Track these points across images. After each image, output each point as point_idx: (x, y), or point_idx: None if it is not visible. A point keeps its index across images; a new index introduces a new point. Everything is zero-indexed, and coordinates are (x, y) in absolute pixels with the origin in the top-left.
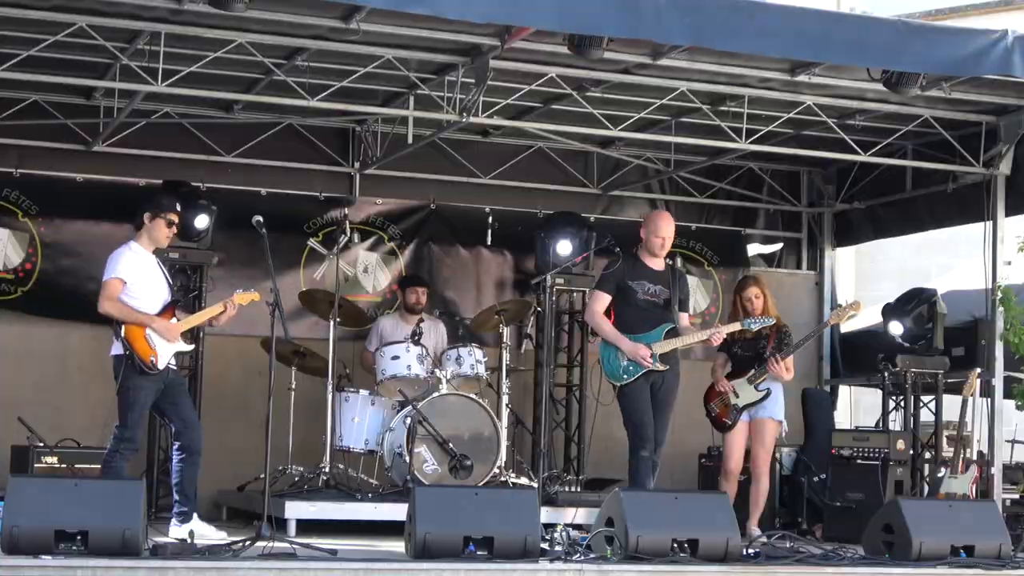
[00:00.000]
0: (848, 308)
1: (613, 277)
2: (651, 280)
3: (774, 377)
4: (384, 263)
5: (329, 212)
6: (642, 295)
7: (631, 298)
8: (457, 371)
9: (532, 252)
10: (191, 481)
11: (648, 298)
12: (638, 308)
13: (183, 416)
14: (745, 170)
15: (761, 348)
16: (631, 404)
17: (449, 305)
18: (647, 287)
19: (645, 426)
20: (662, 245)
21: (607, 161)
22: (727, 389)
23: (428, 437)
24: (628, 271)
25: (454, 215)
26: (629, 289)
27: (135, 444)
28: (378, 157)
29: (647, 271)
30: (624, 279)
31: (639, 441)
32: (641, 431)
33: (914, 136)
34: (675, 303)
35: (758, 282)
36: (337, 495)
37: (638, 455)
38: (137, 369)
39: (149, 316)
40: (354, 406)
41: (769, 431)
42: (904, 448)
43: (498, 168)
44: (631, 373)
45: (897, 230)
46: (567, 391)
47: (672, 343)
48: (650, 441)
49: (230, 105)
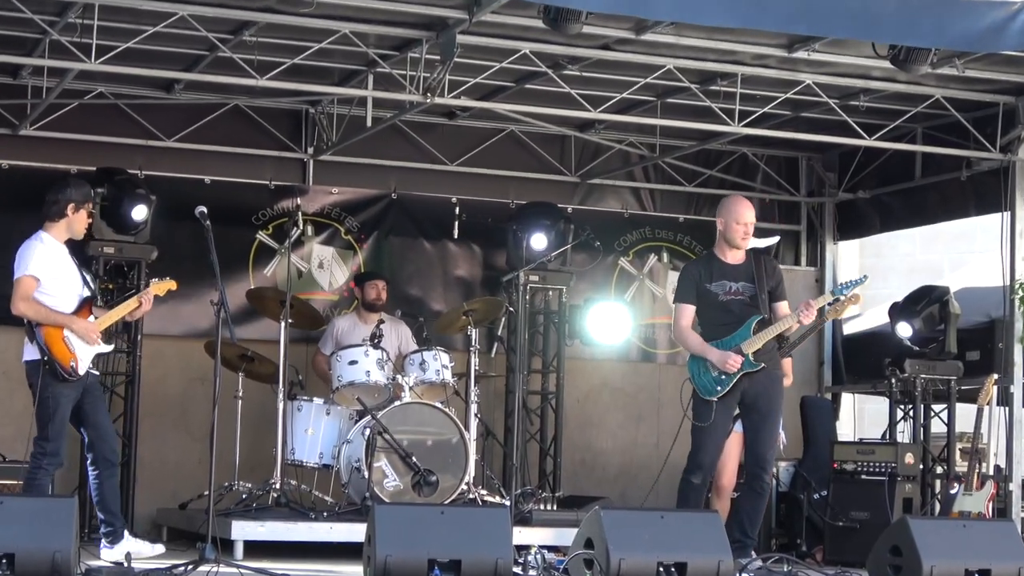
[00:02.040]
0: (847, 300)
1: (691, 283)
2: (732, 278)
3: None
4: (340, 258)
5: (280, 202)
6: (724, 296)
7: (712, 301)
8: (421, 377)
9: (503, 246)
10: (113, 495)
11: (732, 297)
12: (721, 311)
13: (96, 423)
14: (738, 156)
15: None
16: (696, 420)
17: (412, 304)
18: (728, 286)
19: (704, 450)
20: (745, 234)
21: (586, 146)
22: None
23: (389, 450)
24: (704, 272)
25: (417, 206)
26: (708, 293)
27: (59, 458)
28: (334, 142)
29: (727, 268)
30: (701, 282)
31: (692, 465)
32: (698, 455)
33: (924, 118)
34: (763, 297)
35: None
36: (289, 514)
37: (688, 481)
38: (57, 376)
39: (68, 316)
40: (307, 416)
41: None
42: (913, 462)
43: (466, 154)
44: (725, 383)
45: (905, 222)
46: (542, 399)
47: (764, 336)
48: (703, 468)
49: (171, 85)
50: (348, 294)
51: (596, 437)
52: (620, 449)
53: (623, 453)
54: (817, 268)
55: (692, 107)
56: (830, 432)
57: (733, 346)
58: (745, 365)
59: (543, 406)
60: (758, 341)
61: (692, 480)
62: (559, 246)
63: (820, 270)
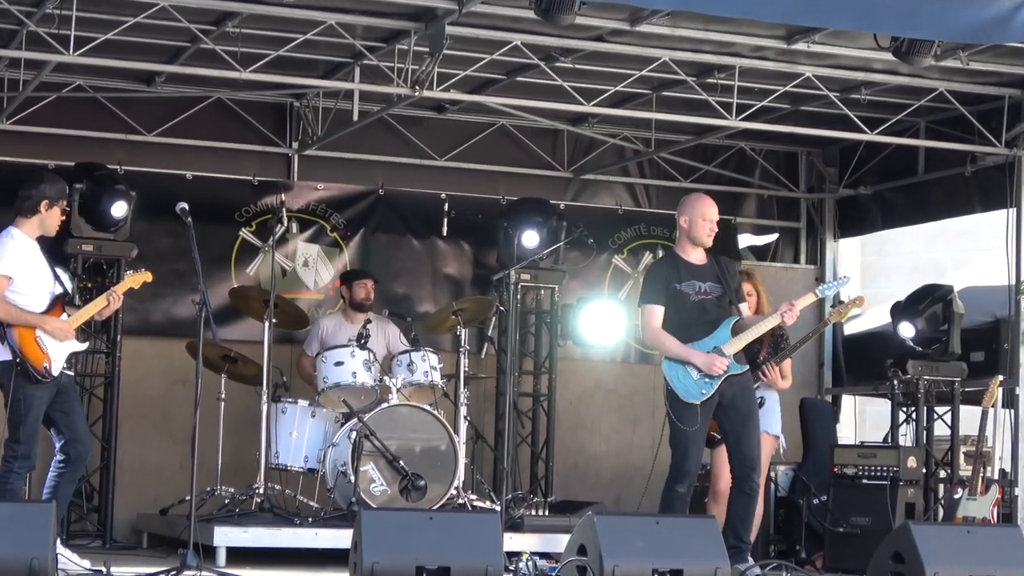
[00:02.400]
0: (850, 303)
1: (660, 283)
2: (700, 277)
3: (769, 385)
4: (326, 256)
5: (264, 198)
6: (695, 296)
7: (684, 302)
8: (409, 379)
9: (494, 244)
10: (64, 498)
11: (703, 297)
12: (693, 312)
13: (73, 426)
14: (735, 151)
15: (755, 352)
16: (682, 425)
17: (400, 304)
18: (698, 286)
19: (689, 457)
20: (711, 230)
21: (579, 141)
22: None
23: (376, 454)
24: (672, 273)
25: (405, 202)
26: (680, 294)
27: (31, 461)
28: (319, 136)
29: (693, 268)
30: (671, 283)
31: (677, 473)
32: (685, 462)
33: (927, 112)
34: (731, 297)
35: (751, 278)
36: (273, 520)
37: (674, 491)
38: (30, 378)
39: (40, 316)
40: (292, 419)
41: (763, 447)
42: (916, 466)
43: (455, 149)
44: (709, 386)
45: (908, 218)
46: (533, 401)
47: (743, 338)
48: (690, 476)
49: (151, 77)
50: (334, 293)
51: (589, 440)
52: (614, 453)
53: (617, 457)
54: (817, 266)
55: (688, 100)
56: (830, 435)
57: (711, 348)
58: (731, 368)
59: (535, 408)
60: (739, 343)
61: (679, 490)
62: (551, 243)
63: (820, 268)
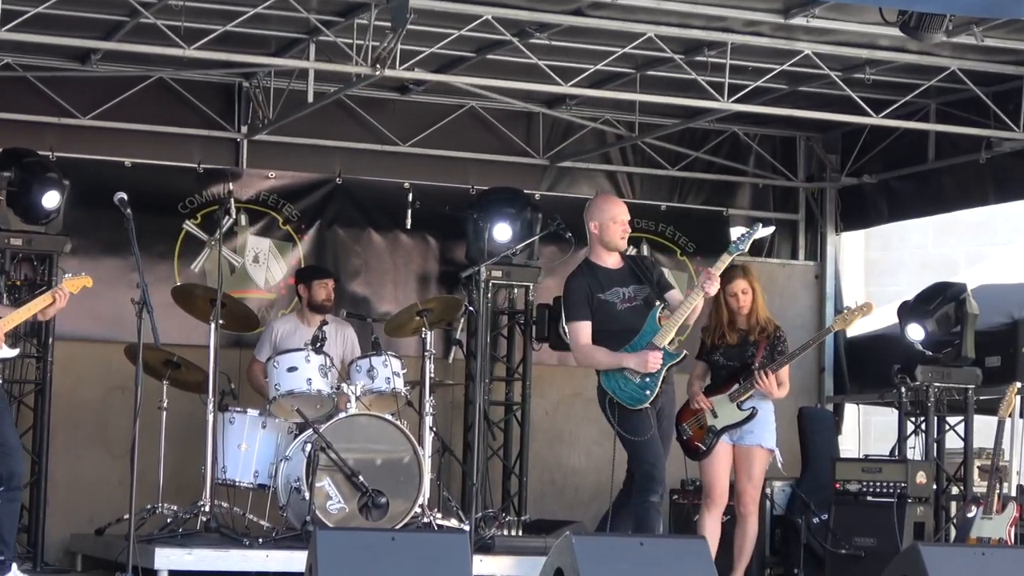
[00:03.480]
0: (856, 311)
1: (583, 297)
2: (621, 283)
3: (763, 395)
4: (278, 251)
5: (210, 188)
6: (621, 305)
7: (610, 312)
8: (369, 386)
9: (462, 237)
10: (10, 521)
11: (629, 304)
12: (622, 320)
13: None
14: (727, 136)
15: (749, 357)
16: (638, 436)
17: (359, 304)
18: (622, 293)
19: (656, 464)
20: (624, 232)
21: (555, 125)
22: (705, 406)
23: (333, 468)
24: (593, 283)
25: (365, 192)
26: (605, 304)
27: None
28: (270, 120)
29: (612, 275)
30: (594, 294)
31: (648, 482)
32: (652, 471)
33: (938, 93)
34: (655, 292)
35: (747, 273)
36: (219, 540)
37: (649, 502)
38: None
39: None
40: (240, 430)
41: (757, 462)
42: (926, 482)
43: (420, 133)
44: (652, 385)
45: (917, 210)
46: (506, 411)
47: (672, 323)
48: (662, 484)
49: (86, 55)
50: (287, 292)
51: (567, 454)
52: (595, 467)
53: (598, 472)
54: (817, 262)
55: (676, 80)
56: (831, 448)
57: (648, 344)
58: (666, 359)
59: (507, 418)
60: (669, 331)
61: (653, 500)
62: (525, 237)
63: (820, 264)
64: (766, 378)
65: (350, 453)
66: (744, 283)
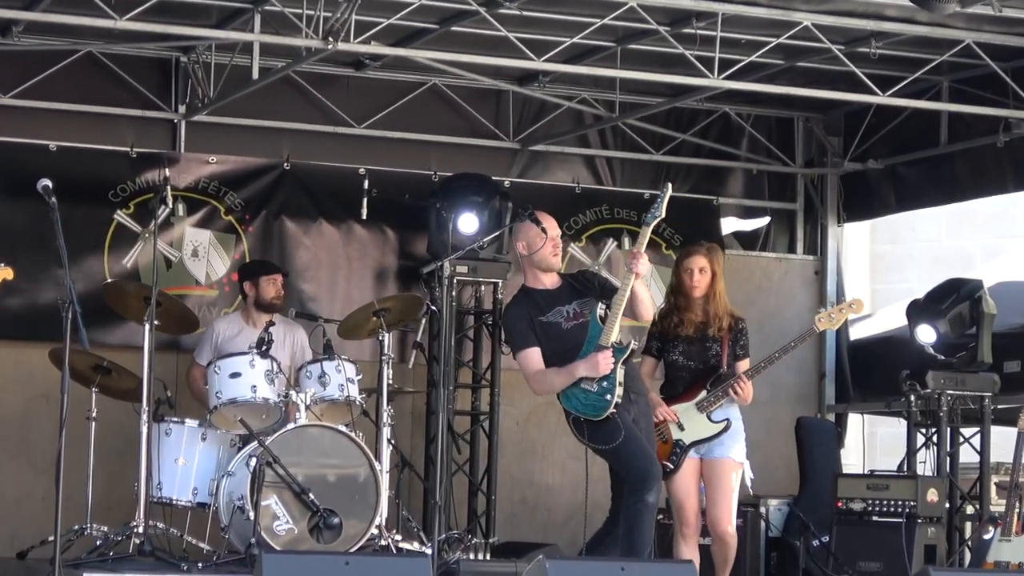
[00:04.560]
0: (845, 307)
1: (525, 324)
2: (562, 302)
3: (731, 400)
4: (220, 244)
5: (144, 174)
6: (567, 324)
7: (557, 333)
8: (320, 393)
9: (424, 229)
10: None
11: (574, 322)
12: (570, 338)
13: None
14: (718, 116)
15: (712, 357)
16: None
17: (309, 303)
18: (565, 312)
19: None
20: (556, 246)
21: (527, 104)
22: (669, 417)
23: (280, 485)
24: (532, 309)
25: (316, 178)
26: (549, 326)
27: None
28: (211, 98)
29: (551, 295)
30: (536, 318)
31: (641, 481)
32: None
33: (951, 69)
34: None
35: (710, 252)
36: (154, 565)
37: (640, 500)
38: None
39: None
40: (178, 442)
41: (728, 475)
42: (937, 500)
43: (377, 113)
44: (610, 388)
45: (927, 199)
46: (472, 421)
47: (613, 318)
48: (655, 479)
49: (7, 27)
50: (230, 289)
51: (540, 469)
52: (570, 485)
53: (574, 490)
54: (817, 257)
55: (660, 55)
56: (833, 462)
57: (597, 347)
58: (617, 355)
59: (474, 430)
60: (612, 327)
61: (649, 499)
62: (494, 229)
63: (821, 259)
64: (745, 385)
65: (299, 468)
66: (703, 261)
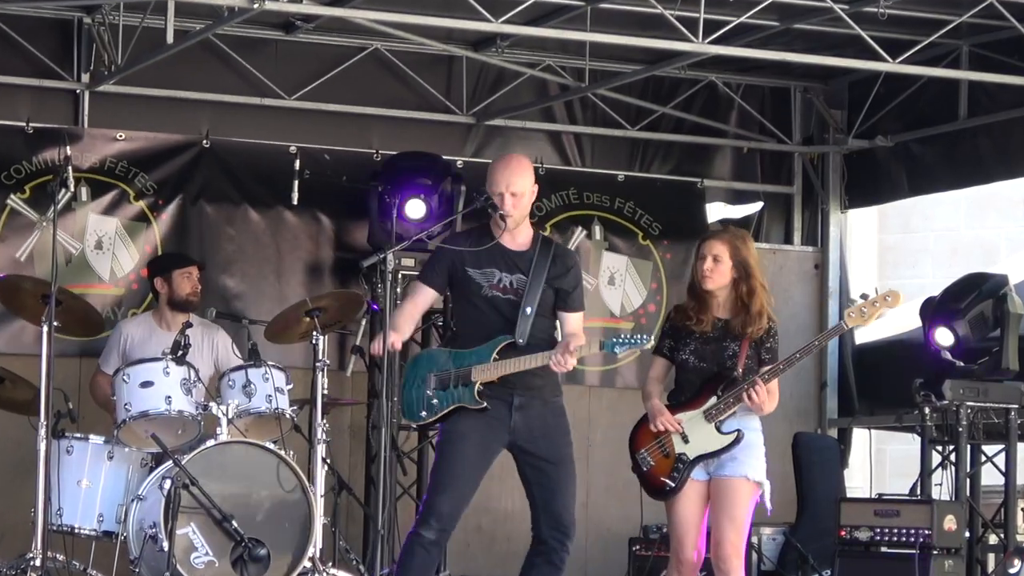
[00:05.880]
0: (876, 302)
1: (444, 262)
2: (507, 267)
3: (747, 410)
4: (129, 234)
5: (41, 153)
6: (489, 290)
7: (471, 293)
8: (245, 405)
9: (364, 216)
10: None
11: (498, 293)
12: (478, 309)
13: None
14: (703, 86)
15: (728, 360)
16: (442, 450)
17: (232, 301)
18: (497, 277)
19: (440, 489)
20: (504, 205)
21: (484, 72)
22: (671, 427)
23: (198, 511)
24: (469, 254)
25: (240, 158)
26: (469, 281)
27: None
28: (119, 66)
29: (503, 252)
30: (462, 263)
31: (424, 510)
32: (432, 495)
33: (972, 32)
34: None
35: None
36: None
37: (417, 535)
38: None
39: None
40: (81, 462)
41: (741, 498)
42: (956, 528)
43: (310, 83)
44: (433, 409)
45: (944, 182)
46: (419, 438)
47: (503, 368)
48: (439, 517)
49: None
50: (139, 286)
51: (498, 493)
52: None
53: None
54: (817, 248)
55: (637, 16)
56: (835, 485)
57: (468, 364)
58: (457, 396)
59: (421, 447)
60: (493, 371)
61: (425, 535)
62: (445, 216)
63: (821, 251)
64: (758, 391)
65: (221, 492)
66: (719, 247)
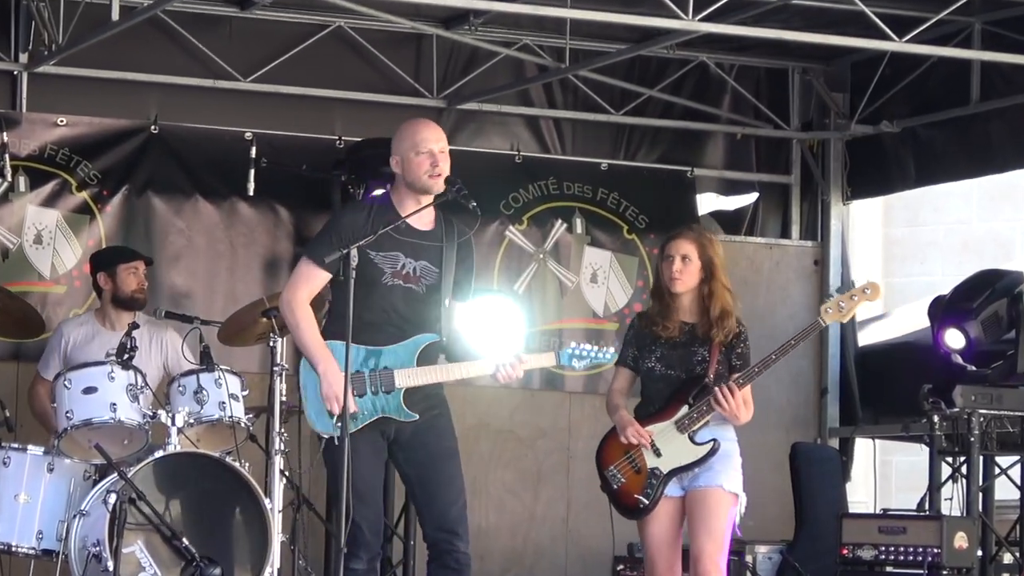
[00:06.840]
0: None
1: (339, 236)
2: (412, 252)
3: (723, 418)
4: (71, 227)
5: None
6: (391, 277)
7: (372, 279)
8: (197, 412)
9: (326, 208)
10: None
11: (400, 282)
12: (381, 298)
13: None
14: (694, 67)
15: (698, 365)
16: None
17: (182, 300)
18: (401, 263)
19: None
20: (435, 170)
21: (456, 51)
22: (641, 440)
23: (146, 527)
24: (370, 229)
25: (191, 145)
26: (371, 266)
27: None
28: (60, 46)
29: (409, 233)
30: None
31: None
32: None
33: (984, 8)
34: (444, 293)
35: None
36: None
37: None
38: None
39: None
40: (18, 474)
41: (717, 509)
42: (968, 546)
43: (267, 64)
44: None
45: (955, 171)
46: None
47: (431, 374)
48: (364, 546)
49: None
50: (82, 284)
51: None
52: (509, 526)
53: (513, 532)
54: (817, 243)
55: None
56: (836, 499)
57: (383, 367)
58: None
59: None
60: (420, 377)
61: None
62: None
63: (822, 246)
64: (729, 396)
65: (170, 506)
66: (688, 246)
